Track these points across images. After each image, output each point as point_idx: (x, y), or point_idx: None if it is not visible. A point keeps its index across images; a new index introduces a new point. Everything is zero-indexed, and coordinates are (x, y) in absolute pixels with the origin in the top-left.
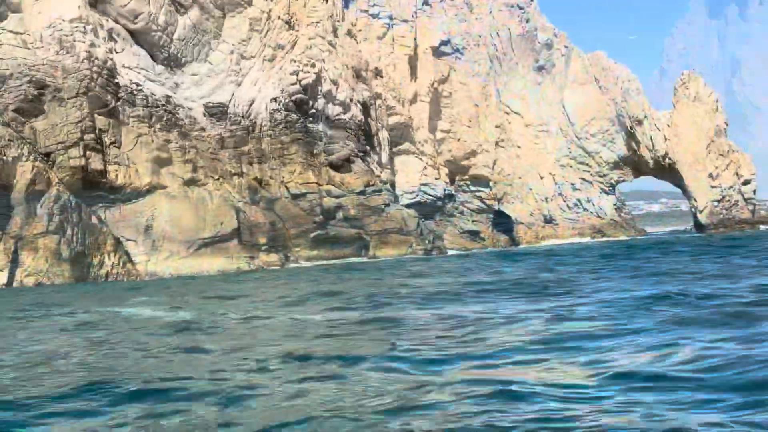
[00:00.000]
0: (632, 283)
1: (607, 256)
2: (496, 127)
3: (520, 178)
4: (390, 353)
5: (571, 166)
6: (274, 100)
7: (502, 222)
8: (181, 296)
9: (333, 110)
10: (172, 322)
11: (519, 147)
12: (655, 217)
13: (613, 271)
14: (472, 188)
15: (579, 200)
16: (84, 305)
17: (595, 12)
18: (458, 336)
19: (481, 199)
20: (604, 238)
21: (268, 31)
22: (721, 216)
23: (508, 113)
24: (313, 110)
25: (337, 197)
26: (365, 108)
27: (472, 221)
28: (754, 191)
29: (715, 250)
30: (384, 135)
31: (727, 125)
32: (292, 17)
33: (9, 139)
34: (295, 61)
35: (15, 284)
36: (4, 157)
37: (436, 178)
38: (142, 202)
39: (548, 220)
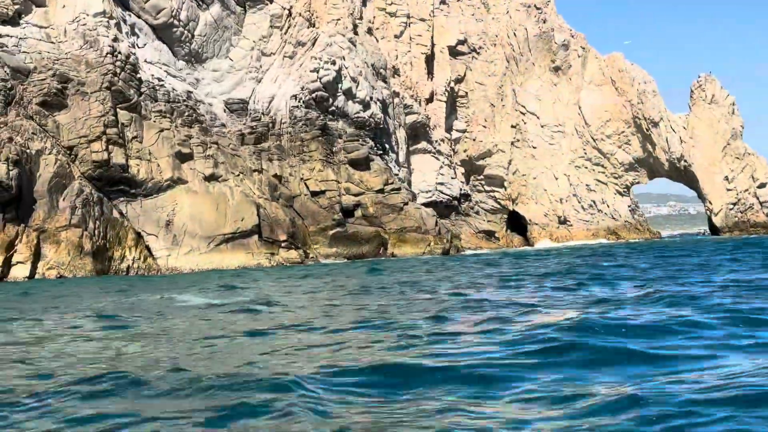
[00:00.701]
0: None
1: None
2: (512, 127)
3: (534, 178)
4: None
5: (586, 167)
6: (294, 97)
7: (516, 222)
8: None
9: (353, 108)
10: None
11: (534, 147)
12: (663, 220)
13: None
14: (487, 188)
15: (594, 201)
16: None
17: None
18: None
19: (495, 199)
20: (620, 240)
21: (288, 28)
22: (736, 219)
23: (523, 113)
24: (333, 108)
25: (356, 195)
26: (384, 106)
27: (487, 221)
28: None
29: None
30: (401, 134)
31: (743, 128)
32: (312, 14)
33: (33, 132)
34: (315, 59)
35: (37, 277)
36: (28, 150)
37: (452, 178)
38: (163, 197)
39: (562, 221)
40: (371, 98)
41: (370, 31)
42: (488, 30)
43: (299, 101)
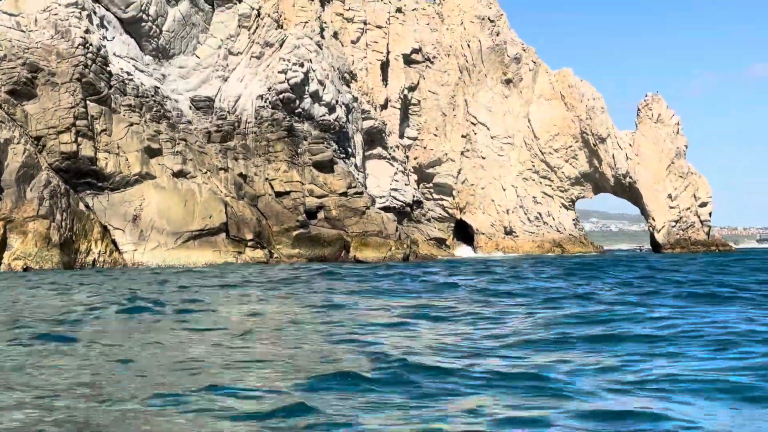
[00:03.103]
0: None
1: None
2: (463, 137)
3: (483, 188)
4: None
5: (533, 180)
6: (261, 97)
7: (463, 231)
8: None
9: (319, 111)
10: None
11: (483, 158)
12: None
13: None
14: (436, 196)
15: (540, 213)
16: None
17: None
18: None
19: (443, 207)
20: (564, 253)
21: (256, 29)
22: (678, 236)
23: (474, 124)
24: (300, 110)
25: (319, 197)
26: (348, 110)
27: (437, 229)
28: (710, 214)
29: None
30: (358, 138)
31: (686, 147)
32: (281, 16)
33: (1, 121)
34: (283, 60)
35: (3, 268)
36: None
37: (405, 184)
38: (131, 191)
39: (508, 232)
40: (337, 102)
41: (335, 35)
42: (442, 40)
43: (266, 101)
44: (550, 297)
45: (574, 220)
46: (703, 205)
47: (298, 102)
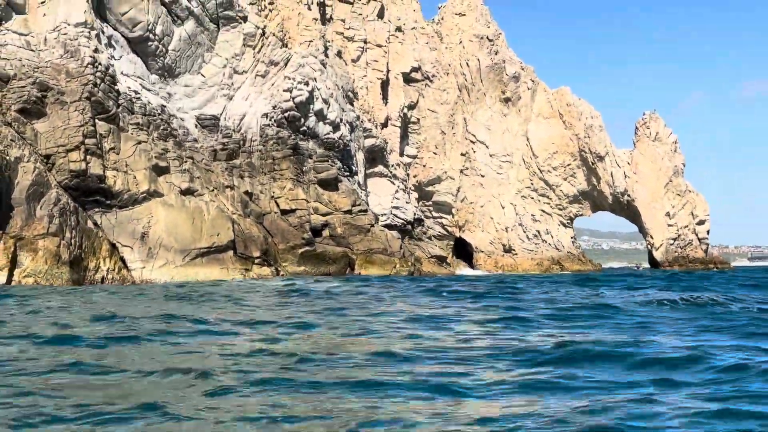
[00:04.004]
0: None
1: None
2: (462, 155)
3: (482, 206)
4: None
5: (532, 198)
6: (266, 115)
7: (462, 249)
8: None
9: (323, 129)
10: None
11: (482, 176)
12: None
13: None
14: (435, 214)
15: (538, 231)
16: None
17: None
18: None
19: (442, 225)
20: (564, 271)
21: (261, 47)
22: (676, 254)
23: (473, 142)
24: (304, 128)
25: (324, 215)
26: (351, 128)
27: (438, 247)
28: (708, 231)
29: None
30: (360, 156)
31: (684, 166)
32: (285, 35)
33: (11, 140)
34: (288, 78)
35: (13, 284)
36: (7, 157)
37: (407, 202)
38: (139, 209)
39: (507, 250)
40: (341, 120)
41: (339, 54)
42: (441, 59)
43: (271, 120)
44: None
45: (572, 237)
46: (701, 222)
47: (302, 120)
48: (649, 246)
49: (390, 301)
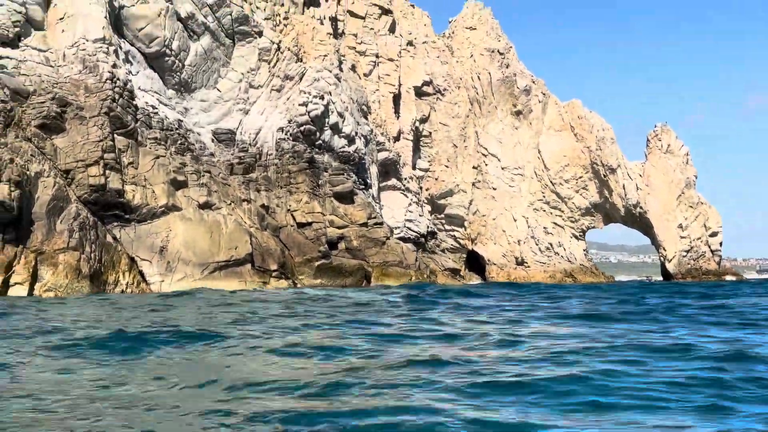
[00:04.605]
0: None
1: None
2: (474, 168)
3: (494, 219)
4: None
5: (544, 210)
6: (281, 129)
7: (474, 262)
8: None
9: (339, 142)
10: None
11: (494, 189)
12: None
13: None
14: (447, 227)
15: (551, 244)
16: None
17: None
18: None
19: (455, 238)
20: (576, 283)
21: (276, 62)
22: (689, 266)
23: (485, 155)
24: (320, 141)
25: (340, 228)
26: (366, 142)
27: (451, 260)
28: (721, 243)
29: None
30: (374, 170)
31: (696, 178)
32: (300, 49)
33: (31, 155)
34: (304, 92)
35: (34, 297)
36: (27, 172)
37: (420, 215)
38: (157, 223)
39: (520, 262)
40: (356, 133)
41: (353, 68)
42: (453, 72)
43: (286, 134)
44: None
45: (584, 250)
46: (714, 234)
47: (318, 134)
48: (661, 258)
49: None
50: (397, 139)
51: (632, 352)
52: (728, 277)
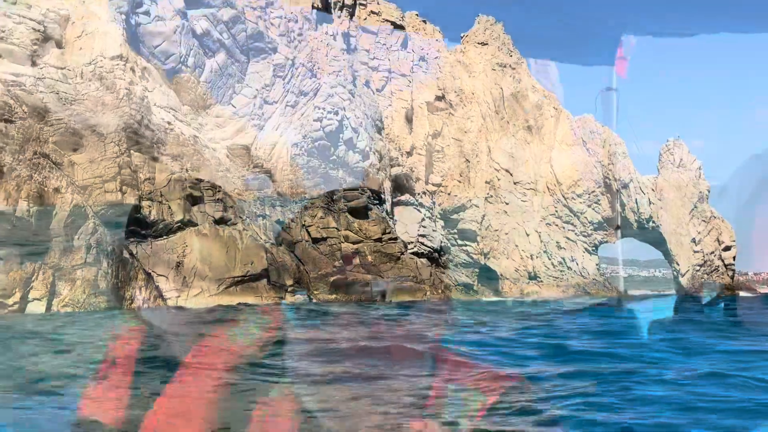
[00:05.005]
0: None
1: None
2: (486, 183)
3: (506, 234)
4: None
5: (556, 225)
6: (296, 145)
7: (487, 276)
8: None
9: (353, 158)
10: None
11: (507, 204)
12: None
13: None
14: (460, 242)
15: (563, 258)
16: None
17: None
18: None
19: (467, 253)
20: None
21: (291, 78)
22: (703, 281)
23: (497, 170)
24: (334, 157)
25: (354, 243)
26: (380, 157)
27: (465, 275)
28: (734, 258)
29: None
30: (387, 185)
31: (709, 192)
32: (314, 65)
33: (49, 171)
34: (318, 108)
35: (52, 313)
36: (45, 188)
37: (433, 230)
38: (174, 238)
39: (533, 277)
40: (370, 149)
41: (367, 83)
42: (465, 87)
43: (301, 149)
44: None
45: (597, 264)
46: (727, 249)
47: (332, 149)
48: (674, 272)
49: None
50: (410, 154)
51: None
52: (742, 293)
